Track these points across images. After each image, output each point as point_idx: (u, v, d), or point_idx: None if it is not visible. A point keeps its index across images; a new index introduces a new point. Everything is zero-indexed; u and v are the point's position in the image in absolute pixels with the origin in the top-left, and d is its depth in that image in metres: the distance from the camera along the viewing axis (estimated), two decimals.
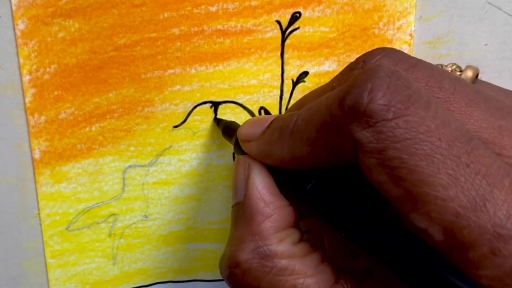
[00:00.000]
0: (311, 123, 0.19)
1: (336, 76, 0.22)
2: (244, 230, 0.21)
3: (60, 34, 0.27)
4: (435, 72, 0.20)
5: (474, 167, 0.16)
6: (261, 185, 0.22)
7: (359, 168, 0.18)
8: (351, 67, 0.21)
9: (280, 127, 0.21)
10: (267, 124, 0.22)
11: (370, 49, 0.28)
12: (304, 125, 0.20)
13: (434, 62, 0.29)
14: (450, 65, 0.25)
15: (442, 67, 0.25)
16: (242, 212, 0.22)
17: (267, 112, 0.29)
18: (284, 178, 0.22)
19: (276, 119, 0.22)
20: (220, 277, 0.32)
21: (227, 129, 0.27)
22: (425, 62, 0.21)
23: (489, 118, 0.19)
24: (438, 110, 0.17)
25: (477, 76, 0.24)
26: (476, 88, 0.20)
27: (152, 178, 0.30)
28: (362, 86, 0.17)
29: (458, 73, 0.24)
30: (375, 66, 0.18)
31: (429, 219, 0.17)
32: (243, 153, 0.24)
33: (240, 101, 0.29)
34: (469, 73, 0.24)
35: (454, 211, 0.16)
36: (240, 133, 0.24)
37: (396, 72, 0.18)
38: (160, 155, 0.29)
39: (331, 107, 0.18)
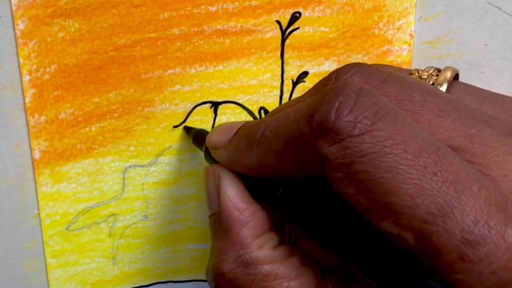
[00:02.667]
0: (279, 136, 0.20)
1: (309, 90, 0.22)
2: (223, 240, 0.22)
3: (60, 34, 0.27)
4: (405, 85, 0.20)
5: (441, 175, 0.17)
6: (232, 194, 0.22)
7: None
8: (323, 83, 0.22)
9: (248, 136, 0.22)
10: (235, 131, 0.23)
11: (370, 49, 0.28)
12: (272, 137, 0.20)
13: (434, 62, 0.29)
14: (427, 69, 0.25)
15: (418, 72, 0.25)
16: (218, 222, 0.22)
17: (267, 112, 0.29)
18: (255, 185, 0.22)
19: (243, 126, 0.23)
20: None
21: (197, 137, 0.27)
22: (396, 75, 0.21)
23: (460, 127, 0.19)
24: (404, 123, 0.18)
25: (456, 77, 0.24)
26: (447, 98, 0.20)
27: (152, 178, 0.30)
28: (330, 103, 0.18)
29: (434, 77, 0.24)
30: (343, 84, 0.19)
31: (399, 225, 0.17)
32: (213, 161, 0.24)
33: (240, 101, 0.29)
34: (448, 74, 0.24)
35: (422, 217, 0.17)
36: (209, 140, 0.24)
37: (363, 89, 0.18)
38: (160, 155, 0.29)
39: (299, 123, 0.19)
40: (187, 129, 0.29)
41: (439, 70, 0.25)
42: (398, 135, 0.17)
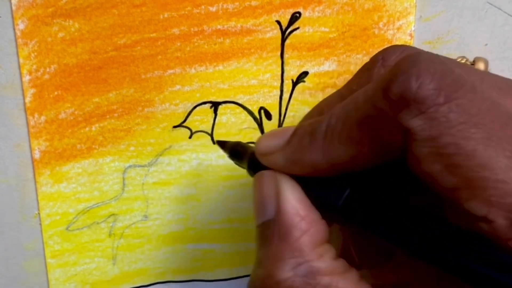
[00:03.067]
0: (349, 120, 0.18)
1: (353, 78, 0.21)
2: (280, 247, 0.20)
3: (60, 34, 0.27)
4: (461, 65, 0.19)
5: None
6: (294, 199, 0.20)
7: (396, 166, 0.17)
8: (368, 67, 0.21)
9: (310, 131, 0.20)
10: (290, 132, 0.21)
11: (370, 49, 0.28)
12: (340, 124, 0.19)
13: None
14: (460, 58, 0.24)
15: None
16: (274, 229, 0.20)
17: (267, 112, 0.29)
18: (315, 190, 0.21)
19: (302, 125, 0.21)
20: (220, 277, 0.32)
21: (234, 151, 0.25)
22: (446, 57, 0.20)
23: None
24: (484, 92, 0.17)
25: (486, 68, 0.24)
26: (500, 76, 0.20)
27: (152, 178, 0.30)
28: (408, 72, 0.16)
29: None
30: (415, 53, 0.17)
31: (489, 204, 0.16)
32: (261, 170, 0.22)
33: (240, 101, 0.29)
34: (481, 66, 0.23)
35: None
36: (260, 146, 0.22)
37: (438, 57, 0.17)
38: (160, 155, 0.29)
39: (374, 99, 0.17)
40: (221, 144, 0.26)
41: (468, 60, 0.24)
42: (482, 103, 0.16)
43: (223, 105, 0.29)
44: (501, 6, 0.28)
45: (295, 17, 0.28)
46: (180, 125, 0.29)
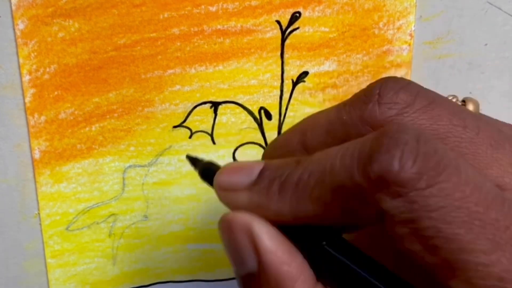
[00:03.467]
0: (323, 183, 0.18)
1: (345, 104, 0.20)
2: None
3: (60, 34, 0.27)
4: (456, 108, 0.19)
5: None
6: (275, 246, 0.19)
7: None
8: (363, 100, 0.19)
9: (280, 178, 0.19)
10: (257, 171, 0.20)
11: (370, 49, 0.28)
12: (313, 183, 0.18)
13: (434, 62, 0.29)
14: (451, 97, 0.24)
15: None
16: (261, 283, 0.19)
17: (267, 112, 0.29)
18: (290, 233, 0.19)
19: (271, 165, 0.20)
20: (220, 277, 0.32)
21: (206, 172, 0.22)
22: (442, 96, 0.19)
23: None
24: (468, 173, 0.16)
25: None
26: (497, 126, 0.19)
27: (152, 178, 0.30)
28: (390, 152, 0.16)
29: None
30: (400, 128, 0.17)
31: (471, 285, 0.16)
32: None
33: (240, 101, 0.29)
34: (471, 107, 0.23)
35: (498, 276, 0.16)
36: (221, 181, 0.20)
37: (423, 135, 0.17)
38: (160, 155, 0.29)
39: (352, 171, 0.17)
40: (192, 160, 0.24)
41: (457, 99, 0.23)
42: (465, 186, 0.16)
43: (223, 105, 0.29)
44: (501, 6, 0.28)
45: (295, 17, 0.28)
46: (180, 125, 0.29)
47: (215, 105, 0.29)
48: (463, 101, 0.23)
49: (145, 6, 0.27)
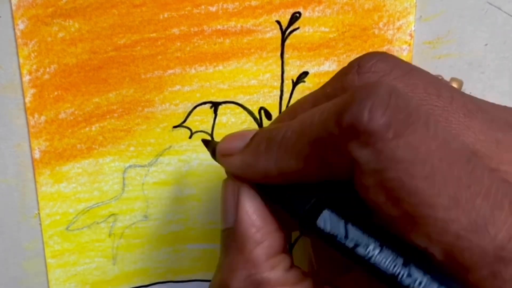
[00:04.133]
0: (303, 137, 0.19)
1: (329, 81, 0.21)
2: (235, 257, 0.21)
3: (60, 34, 0.27)
4: (432, 79, 0.19)
5: (474, 188, 0.16)
6: (251, 210, 0.21)
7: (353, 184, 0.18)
8: (345, 71, 0.21)
9: (267, 138, 0.20)
10: (250, 136, 0.22)
11: (370, 49, 0.28)
12: (295, 138, 0.19)
13: (434, 62, 0.29)
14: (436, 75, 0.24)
15: None
16: (232, 238, 0.21)
17: (267, 113, 0.29)
18: (277, 198, 0.21)
19: (260, 131, 0.22)
20: None
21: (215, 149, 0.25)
22: (420, 68, 0.20)
23: (487, 130, 0.18)
24: (437, 129, 0.17)
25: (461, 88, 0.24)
26: (473, 98, 0.20)
27: (152, 178, 0.30)
28: (362, 103, 0.17)
29: None
30: (375, 82, 0.18)
31: (429, 240, 0.16)
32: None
33: (240, 101, 0.29)
34: (454, 85, 0.23)
35: (455, 233, 0.16)
36: (220, 148, 0.22)
37: (396, 90, 0.17)
38: (160, 155, 0.29)
39: (327, 123, 0.18)
40: (205, 142, 0.27)
41: (442, 78, 0.24)
42: (432, 141, 0.16)
43: (223, 105, 0.29)
44: (501, 6, 0.28)
45: (295, 17, 0.28)
46: (180, 125, 0.29)
47: (215, 105, 0.29)
48: (449, 81, 0.24)
49: (145, 6, 0.27)
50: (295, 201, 0.20)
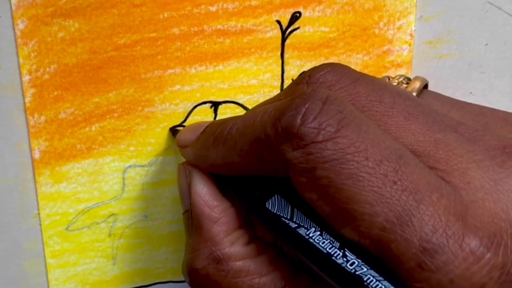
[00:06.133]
0: (244, 136, 0.20)
1: (284, 90, 0.23)
2: (196, 237, 0.22)
3: (60, 34, 0.27)
4: (376, 86, 0.21)
5: (401, 183, 0.17)
6: (203, 191, 0.22)
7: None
8: (297, 82, 0.22)
9: (214, 133, 0.22)
10: (201, 129, 0.23)
11: (370, 49, 0.28)
12: (238, 136, 0.21)
13: (434, 62, 0.29)
14: (397, 77, 0.26)
15: (389, 79, 0.26)
16: (191, 219, 0.23)
17: None
18: (227, 183, 0.22)
19: (211, 124, 0.23)
20: None
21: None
22: (368, 76, 0.21)
23: (426, 131, 0.19)
24: (368, 130, 0.18)
25: (426, 86, 0.25)
26: (417, 101, 0.21)
27: (152, 178, 0.30)
28: (297, 109, 0.18)
29: (404, 85, 0.25)
30: (312, 90, 0.19)
31: (359, 233, 0.17)
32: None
33: (240, 101, 0.29)
34: (417, 84, 0.24)
35: (381, 225, 0.17)
36: (178, 139, 0.25)
37: (330, 97, 0.19)
38: (160, 155, 0.29)
39: (266, 125, 0.19)
40: (173, 132, 0.29)
41: (409, 79, 0.25)
42: (360, 142, 0.18)
43: (223, 105, 0.29)
44: (501, 6, 0.28)
45: (295, 17, 0.28)
46: (180, 125, 0.29)
47: (215, 105, 0.29)
48: (408, 81, 0.25)
49: (145, 6, 0.27)
50: (246, 188, 0.21)
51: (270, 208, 0.20)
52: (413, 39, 0.28)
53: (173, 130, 0.29)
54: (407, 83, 0.25)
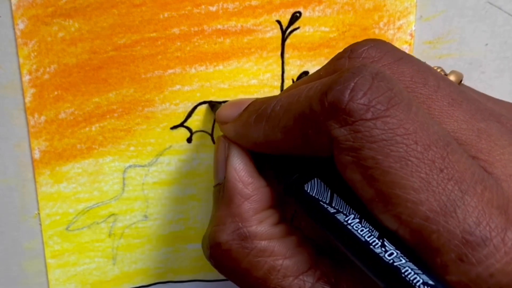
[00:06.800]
0: (289, 112, 0.20)
1: (324, 65, 0.22)
2: (224, 211, 0.22)
3: (60, 34, 0.27)
4: (421, 67, 0.20)
5: (447, 172, 0.17)
6: (239, 167, 0.22)
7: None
8: (338, 57, 0.21)
9: (257, 110, 0.21)
10: (245, 106, 0.23)
11: None
12: (282, 113, 0.20)
13: (434, 62, 0.29)
14: (436, 68, 0.25)
15: None
16: (222, 193, 0.22)
17: None
18: (267, 162, 0.22)
19: (254, 102, 0.22)
20: (221, 277, 0.32)
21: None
22: (412, 56, 0.21)
23: (470, 119, 0.19)
24: (418, 113, 0.17)
25: (460, 81, 0.25)
26: (460, 88, 0.20)
27: (152, 178, 0.30)
28: (345, 83, 0.17)
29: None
30: (361, 65, 0.18)
31: (399, 221, 0.17)
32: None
33: None
34: (452, 78, 0.24)
35: (424, 214, 0.16)
36: (219, 114, 0.24)
37: (380, 73, 0.18)
38: (160, 155, 0.29)
39: (312, 100, 0.18)
40: (212, 105, 0.28)
41: (445, 72, 0.25)
42: (410, 124, 0.17)
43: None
44: (501, 6, 0.28)
45: (295, 17, 0.28)
46: (180, 125, 0.29)
47: (215, 105, 0.29)
48: (447, 74, 0.24)
49: (145, 6, 0.27)
50: (286, 168, 0.21)
51: (308, 191, 0.20)
52: (413, 39, 0.28)
53: (212, 104, 0.28)
54: (445, 75, 0.24)
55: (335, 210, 0.19)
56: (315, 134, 0.18)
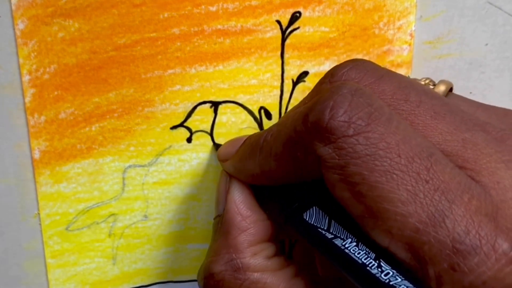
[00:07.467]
0: (278, 139, 0.20)
1: (309, 92, 0.23)
2: (220, 242, 0.22)
3: (60, 34, 0.27)
4: (402, 84, 0.20)
5: (433, 183, 0.17)
6: (239, 199, 0.22)
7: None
8: (320, 82, 0.22)
9: (251, 144, 0.22)
10: (240, 143, 0.23)
11: (371, 49, 0.28)
12: (272, 141, 0.20)
13: (434, 62, 0.29)
14: (424, 79, 0.25)
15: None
16: (220, 224, 0.23)
17: (267, 112, 0.29)
18: (267, 195, 0.22)
19: (250, 137, 0.23)
20: None
21: None
22: (393, 73, 0.21)
23: (454, 130, 0.19)
24: (399, 126, 0.18)
25: (451, 90, 0.25)
26: (444, 100, 0.20)
27: (152, 178, 0.30)
28: (324, 103, 0.18)
29: (431, 87, 0.24)
30: (340, 83, 0.19)
31: (390, 236, 0.17)
32: None
33: (240, 101, 0.29)
34: (442, 88, 0.24)
35: (414, 226, 0.16)
36: (219, 153, 0.25)
37: (359, 90, 0.18)
38: (160, 155, 0.29)
39: (296, 123, 0.19)
40: (217, 146, 0.29)
41: (434, 83, 0.25)
42: (391, 138, 0.17)
43: (223, 104, 0.29)
44: (501, 6, 0.28)
45: (295, 17, 0.28)
46: (180, 125, 0.29)
47: (215, 104, 0.29)
48: (434, 83, 0.24)
49: (145, 6, 0.27)
50: (285, 199, 0.21)
51: (307, 219, 0.20)
52: (413, 39, 0.28)
53: (216, 145, 0.29)
54: (433, 86, 0.25)
55: (332, 236, 0.19)
56: (303, 156, 0.19)
